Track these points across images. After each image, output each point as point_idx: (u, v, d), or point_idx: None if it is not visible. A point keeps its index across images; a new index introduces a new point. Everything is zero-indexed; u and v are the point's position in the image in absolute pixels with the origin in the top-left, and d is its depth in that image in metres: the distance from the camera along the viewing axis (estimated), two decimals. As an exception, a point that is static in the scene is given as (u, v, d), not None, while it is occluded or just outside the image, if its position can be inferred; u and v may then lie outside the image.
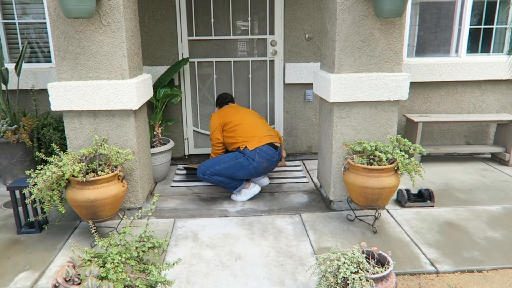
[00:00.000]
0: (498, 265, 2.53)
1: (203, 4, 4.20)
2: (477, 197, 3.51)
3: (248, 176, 3.42)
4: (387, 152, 2.87)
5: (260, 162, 3.34)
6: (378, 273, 1.91)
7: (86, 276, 1.70)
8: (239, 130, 3.46)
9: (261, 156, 3.34)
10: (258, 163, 3.34)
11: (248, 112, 3.64)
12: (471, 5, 4.30)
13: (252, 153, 3.32)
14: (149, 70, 4.21)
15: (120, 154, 2.81)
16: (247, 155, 3.33)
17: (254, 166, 3.33)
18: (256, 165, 3.33)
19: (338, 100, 2.97)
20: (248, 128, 3.46)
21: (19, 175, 3.81)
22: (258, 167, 3.35)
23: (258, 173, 3.43)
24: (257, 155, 3.32)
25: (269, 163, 3.40)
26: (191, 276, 2.44)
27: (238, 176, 3.38)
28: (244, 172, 3.36)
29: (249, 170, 3.35)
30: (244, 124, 3.48)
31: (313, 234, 2.92)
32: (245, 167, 3.33)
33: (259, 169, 3.37)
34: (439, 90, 4.49)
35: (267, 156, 3.37)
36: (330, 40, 3.06)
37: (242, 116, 3.55)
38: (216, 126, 3.56)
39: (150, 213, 2.13)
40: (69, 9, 2.52)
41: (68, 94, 2.85)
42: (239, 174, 3.36)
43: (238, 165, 3.34)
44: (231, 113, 3.58)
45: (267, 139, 3.42)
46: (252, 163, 3.32)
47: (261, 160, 3.34)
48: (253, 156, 3.31)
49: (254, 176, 3.45)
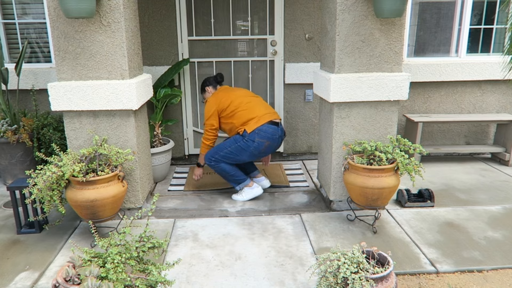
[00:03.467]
0: (498, 265, 2.53)
1: (203, 4, 4.21)
2: (477, 197, 3.51)
3: (253, 157, 3.40)
4: (387, 152, 2.87)
5: (260, 142, 3.31)
6: (378, 273, 1.91)
7: (86, 276, 1.70)
8: (237, 116, 3.40)
9: (261, 136, 3.31)
10: (258, 144, 3.31)
11: (242, 94, 3.52)
12: (471, 5, 4.30)
13: (251, 135, 3.30)
14: (149, 70, 4.21)
15: (120, 154, 2.81)
16: (246, 137, 3.31)
17: (254, 147, 3.31)
18: (257, 145, 3.31)
19: (338, 100, 2.98)
20: (246, 111, 3.40)
21: (19, 175, 3.81)
22: (259, 147, 3.32)
23: (261, 153, 3.39)
24: (257, 136, 3.29)
25: (271, 141, 3.36)
26: (191, 276, 2.44)
27: (242, 159, 3.37)
28: (247, 154, 3.34)
29: (251, 152, 3.33)
30: (241, 108, 3.40)
31: (313, 234, 2.92)
32: (245, 149, 3.32)
33: (260, 149, 3.34)
34: (439, 90, 4.49)
35: (267, 134, 3.33)
36: (330, 40, 3.06)
37: (239, 100, 3.45)
38: (212, 112, 3.48)
39: (150, 213, 2.13)
40: (69, 9, 2.52)
41: (68, 94, 2.86)
42: (242, 157, 3.36)
43: (239, 148, 3.33)
44: (227, 97, 3.48)
45: (265, 118, 3.36)
46: (252, 144, 3.29)
47: (261, 140, 3.31)
48: (253, 137, 3.29)
49: (259, 156, 3.42)
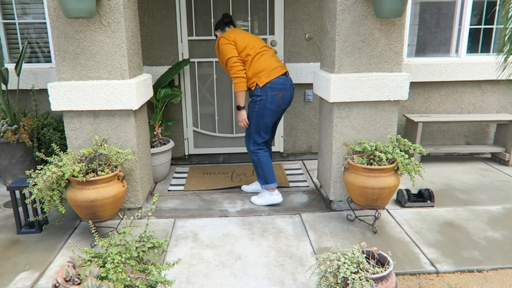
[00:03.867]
0: (498, 265, 2.53)
1: (203, 4, 4.20)
2: (477, 197, 3.51)
3: (274, 115, 3.35)
4: (387, 152, 2.87)
5: (273, 95, 3.28)
6: (378, 273, 1.91)
7: (86, 276, 1.70)
8: (249, 64, 3.31)
9: (272, 89, 3.28)
10: (272, 97, 3.29)
11: (257, 43, 3.39)
12: (471, 5, 4.30)
13: (263, 90, 3.27)
14: (149, 70, 4.21)
15: (120, 154, 2.81)
16: (258, 96, 3.29)
17: (270, 102, 3.28)
18: (271, 99, 3.28)
19: (338, 100, 2.98)
20: (258, 62, 3.30)
21: (19, 175, 3.81)
22: (275, 100, 3.29)
23: (279, 105, 3.33)
24: (269, 90, 3.27)
25: (284, 91, 3.32)
26: (191, 276, 2.44)
27: (269, 120, 3.35)
28: (267, 113, 3.31)
29: (269, 109, 3.30)
30: (255, 57, 3.30)
31: (313, 234, 2.92)
32: (263, 109, 3.30)
33: (276, 102, 3.30)
34: (439, 90, 4.49)
35: (279, 85, 3.30)
36: (330, 40, 3.06)
37: (253, 45, 3.33)
38: (230, 48, 3.28)
39: (150, 213, 2.13)
40: (69, 9, 2.52)
41: (68, 94, 2.86)
42: (266, 120, 3.34)
43: (258, 113, 3.31)
44: (242, 39, 3.33)
45: (276, 72, 3.30)
46: (267, 100, 3.27)
47: (274, 93, 3.28)
48: (265, 92, 3.27)
49: (279, 111, 3.37)
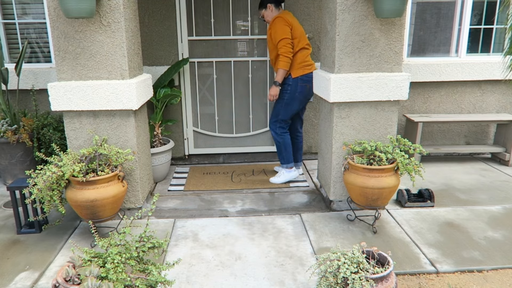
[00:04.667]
0: (498, 265, 2.53)
1: (203, 4, 4.20)
2: (477, 197, 3.51)
3: (301, 104, 3.70)
4: (387, 152, 2.87)
5: (302, 86, 3.61)
6: (378, 273, 1.91)
7: (86, 276, 1.70)
8: (295, 54, 3.56)
9: (304, 80, 3.60)
10: (302, 87, 3.60)
11: (304, 35, 3.64)
12: (471, 5, 4.30)
13: (294, 80, 3.59)
14: (149, 70, 4.21)
15: (120, 154, 2.81)
16: (290, 85, 3.61)
17: (299, 91, 3.61)
18: (301, 89, 3.61)
19: (338, 100, 2.98)
20: (300, 56, 3.58)
21: (19, 175, 3.81)
22: (304, 91, 3.62)
23: (306, 96, 3.68)
24: (299, 81, 3.59)
25: (311, 84, 3.61)
26: (191, 276, 2.44)
27: (296, 108, 3.68)
28: (296, 101, 3.65)
29: (297, 98, 3.64)
30: (300, 49, 3.58)
31: (313, 234, 2.92)
32: (293, 97, 3.62)
33: (305, 93, 3.64)
34: (439, 90, 4.49)
35: (309, 79, 3.60)
36: (330, 40, 3.06)
37: (302, 39, 3.60)
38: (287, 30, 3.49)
39: (150, 213, 2.13)
40: (69, 9, 2.52)
41: (68, 94, 2.86)
42: (293, 107, 3.67)
43: (288, 100, 3.64)
44: (296, 27, 3.57)
45: (310, 69, 3.61)
46: (297, 89, 3.60)
47: (303, 84, 3.61)
48: (295, 83, 3.59)
49: (306, 100, 3.72)
